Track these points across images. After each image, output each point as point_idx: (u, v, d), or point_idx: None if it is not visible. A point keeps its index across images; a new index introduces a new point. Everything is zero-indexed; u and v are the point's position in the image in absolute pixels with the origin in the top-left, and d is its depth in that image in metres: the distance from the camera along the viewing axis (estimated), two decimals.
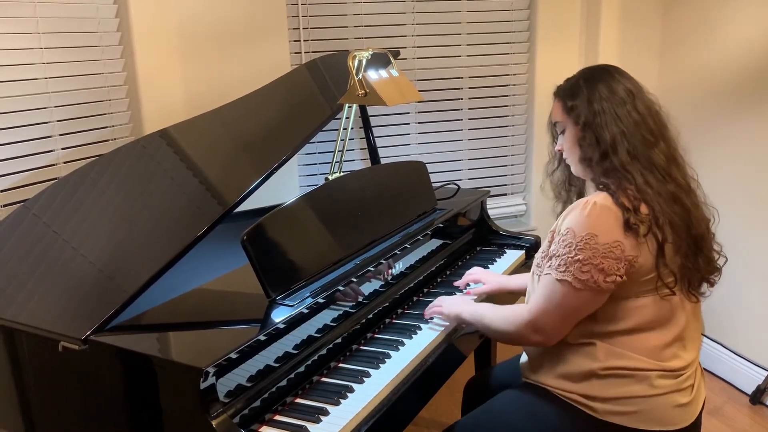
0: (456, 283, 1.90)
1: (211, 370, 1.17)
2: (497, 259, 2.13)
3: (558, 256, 1.31)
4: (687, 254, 1.33)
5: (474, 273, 1.89)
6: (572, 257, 1.28)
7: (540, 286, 1.35)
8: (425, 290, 1.91)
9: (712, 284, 1.42)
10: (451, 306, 1.61)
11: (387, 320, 1.71)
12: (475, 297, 1.80)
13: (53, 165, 2.04)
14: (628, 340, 1.33)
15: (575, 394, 1.35)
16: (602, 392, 1.32)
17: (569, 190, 1.54)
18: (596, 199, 1.31)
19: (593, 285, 1.28)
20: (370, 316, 1.65)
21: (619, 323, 1.33)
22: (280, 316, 1.38)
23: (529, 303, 1.39)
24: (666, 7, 2.78)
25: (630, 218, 1.27)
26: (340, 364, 1.50)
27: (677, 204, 1.33)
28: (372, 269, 1.67)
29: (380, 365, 1.47)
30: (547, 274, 1.33)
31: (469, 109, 2.85)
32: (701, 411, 1.41)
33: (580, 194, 1.54)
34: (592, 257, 1.27)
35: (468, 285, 1.89)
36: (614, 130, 1.34)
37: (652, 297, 1.33)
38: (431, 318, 1.68)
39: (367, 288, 1.67)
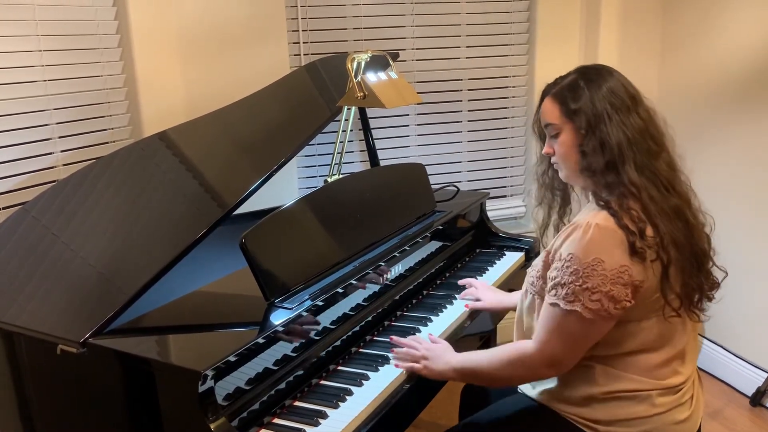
0: (461, 282, 1.88)
1: (210, 373, 1.17)
2: (497, 261, 2.13)
3: (564, 284, 1.23)
4: (690, 272, 1.28)
5: (473, 288, 1.85)
6: (580, 285, 1.21)
7: (546, 317, 1.28)
8: (425, 292, 1.91)
9: (710, 300, 1.36)
10: (433, 365, 1.43)
11: (386, 323, 1.71)
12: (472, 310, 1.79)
13: (52, 167, 2.04)
14: (627, 362, 1.30)
15: (575, 415, 1.33)
16: (604, 416, 1.30)
17: (554, 194, 1.47)
18: (597, 220, 1.23)
19: (604, 314, 1.21)
20: (369, 318, 1.65)
21: (621, 347, 1.29)
22: (278, 318, 1.37)
23: (535, 338, 1.30)
24: (666, 8, 2.78)
25: (636, 242, 1.20)
26: (339, 367, 1.50)
27: (680, 220, 1.27)
28: (371, 272, 1.67)
29: (379, 368, 1.47)
30: (553, 303, 1.25)
31: (469, 111, 2.84)
32: (700, 423, 1.40)
33: (565, 199, 1.48)
34: (601, 284, 1.20)
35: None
36: (620, 137, 1.26)
37: (655, 319, 1.28)
38: (435, 315, 1.66)
39: (367, 290, 1.66)
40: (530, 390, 1.43)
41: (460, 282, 1.89)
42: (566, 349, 1.27)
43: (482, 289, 1.84)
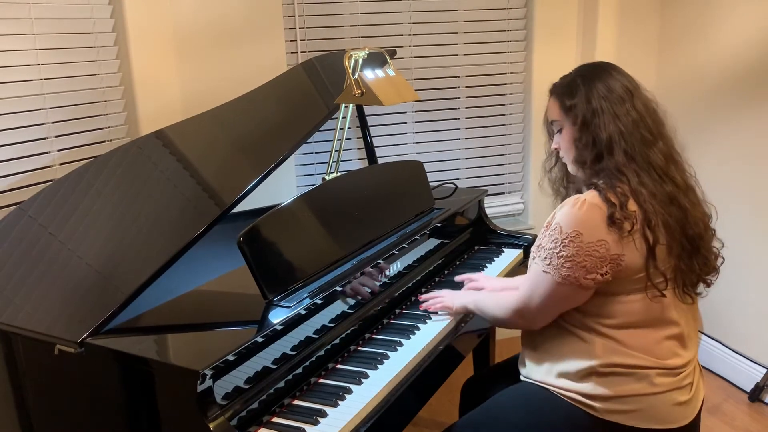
0: (458, 278, 1.89)
1: (208, 372, 1.17)
2: (495, 258, 2.13)
3: (545, 248, 1.33)
4: (681, 255, 1.32)
5: (475, 279, 1.86)
6: (557, 252, 1.31)
7: (528, 274, 1.40)
8: (423, 290, 1.90)
9: (708, 284, 1.40)
10: (455, 299, 1.66)
11: (385, 320, 1.70)
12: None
13: (49, 167, 2.04)
14: (623, 336, 1.33)
15: (575, 393, 1.35)
16: (602, 391, 1.32)
17: (567, 187, 1.54)
18: (586, 196, 1.31)
19: (573, 281, 1.30)
20: (368, 316, 1.64)
21: (610, 319, 1.34)
22: (277, 317, 1.37)
23: (519, 289, 1.43)
24: (663, 3, 2.78)
25: (614, 213, 1.27)
26: (338, 366, 1.49)
27: (673, 205, 1.31)
28: (370, 269, 1.66)
29: (378, 366, 1.47)
30: (535, 263, 1.37)
31: (466, 108, 2.84)
32: (700, 409, 1.41)
33: (579, 191, 1.51)
34: (575, 255, 1.28)
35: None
36: (612, 129, 1.33)
37: (641, 295, 1.32)
38: (434, 313, 1.68)
39: (365, 288, 1.66)
40: (531, 372, 1.45)
41: (458, 278, 1.89)
42: (538, 306, 1.37)
43: (483, 279, 1.85)
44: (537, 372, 1.43)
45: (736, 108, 2.47)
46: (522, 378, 1.49)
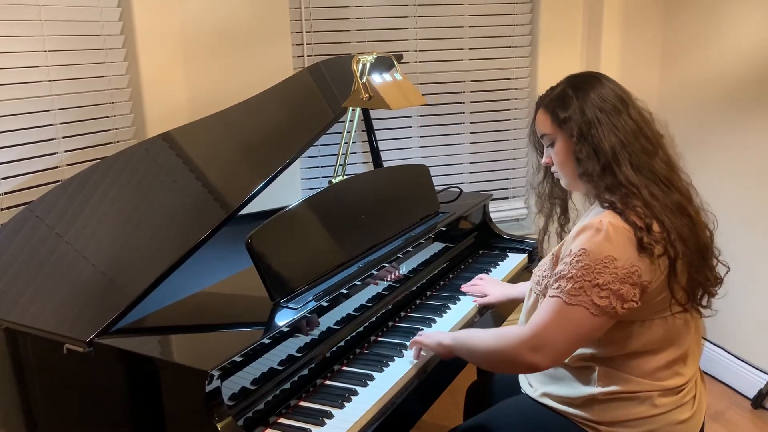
0: (463, 288, 1.90)
1: (216, 372, 1.17)
2: (499, 263, 2.13)
3: (572, 278, 1.21)
4: (697, 267, 1.27)
5: (480, 283, 1.88)
6: (590, 281, 1.19)
7: (546, 307, 1.25)
8: (428, 293, 1.91)
9: (713, 296, 1.36)
10: (431, 335, 1.48)
11: (390, 323, 1.71)
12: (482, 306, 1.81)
13: (56, 167, 2.05)
14: (629, 364, 1.30)
15: (577, 417, 1.34)
16: (605, 417, 1.30)
17: (553, 203, 1.50)
18: (609, 219, 1.23)
19: (611, 311, 1.20)
20: (374, 319, 1.65)
21: (624, 347, 1.29)
22: (284, 319, 1.38)
23: (529, 322, 1.27)
24: (668, 14, 2.79)
25: (644, 237, 1.20)
26: (344, 368, 1.50)
27: (684, 215, 1.27)
28: (375, 272, 1.67)
29: (384, 368, 1.47)
30: (555, 296, 1.24)
31: (471, 113, 2.85)
32: (704, 419, 1.41)
33: (564, 207, 1.50)
34: (611, 282, 1.19)
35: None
36: (613, 140, 1.27)
37: (659, 320, 1.28)
38: (433, 321, 1.67)
39: (371, 291, 1.67)
40: (532, 391, 1.44)
41: (464, 288, 1.90)
42: (560, 341, 1.22)
43: (488, 283, 1.86)
44: (537, 392, 1.42)
45: (738, 119, 2.47)
46: (522, 390, 1.49)
